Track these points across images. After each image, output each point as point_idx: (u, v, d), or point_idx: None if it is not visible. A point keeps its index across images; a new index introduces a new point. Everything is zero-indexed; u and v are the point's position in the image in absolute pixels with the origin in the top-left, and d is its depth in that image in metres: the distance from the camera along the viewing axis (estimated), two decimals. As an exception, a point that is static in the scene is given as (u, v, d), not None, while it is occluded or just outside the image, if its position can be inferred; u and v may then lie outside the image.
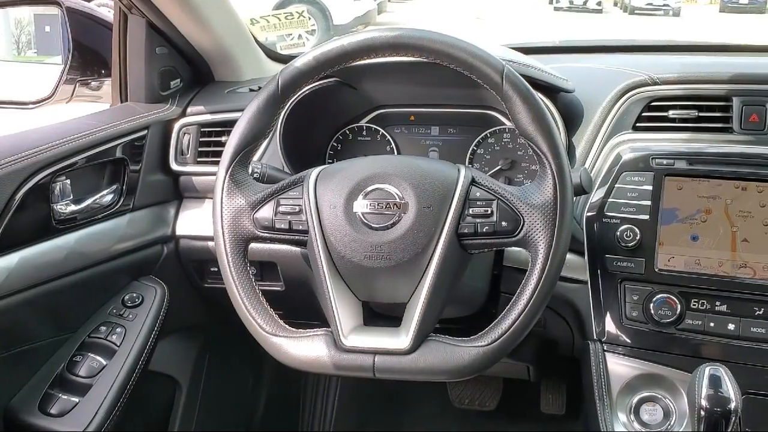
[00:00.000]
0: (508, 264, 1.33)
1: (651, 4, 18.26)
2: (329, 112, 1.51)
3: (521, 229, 1.00)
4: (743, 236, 1.18)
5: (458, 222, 1.02)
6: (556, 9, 19.32)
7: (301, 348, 1.03)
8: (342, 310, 1.04)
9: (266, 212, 1.06)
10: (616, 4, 21.19)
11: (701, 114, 1.28)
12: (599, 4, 19.16)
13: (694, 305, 1.20)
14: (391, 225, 1.02)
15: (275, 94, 1.06)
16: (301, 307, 1.33)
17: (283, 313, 1.08)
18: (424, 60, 1.02)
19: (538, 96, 1.03)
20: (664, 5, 18.15)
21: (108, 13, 1.65)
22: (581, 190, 1.10)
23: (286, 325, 1.04)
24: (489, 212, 1.01)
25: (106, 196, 1.42)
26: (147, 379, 1.43)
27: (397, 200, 1.03)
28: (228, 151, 1.07)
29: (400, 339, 1.01)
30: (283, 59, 1.78)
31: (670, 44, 1.80)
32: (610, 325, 1.25)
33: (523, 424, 2.12)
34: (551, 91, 1.32)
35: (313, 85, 1.36)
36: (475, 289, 1.33)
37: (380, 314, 1.18)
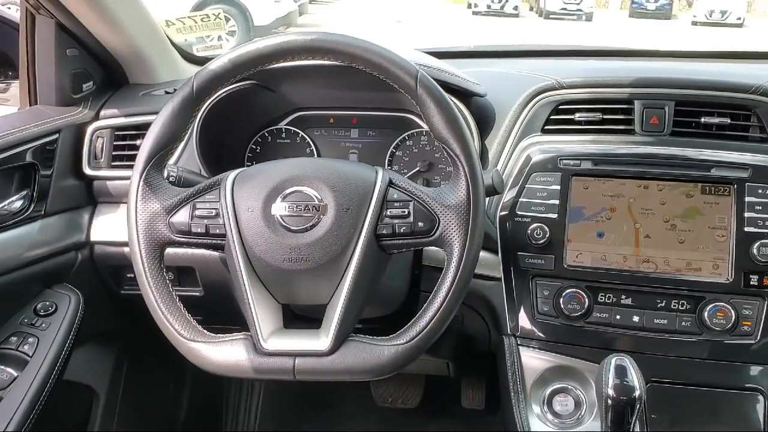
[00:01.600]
0: (426, 263, 1.36)
1: (565, 9, 18.88)
2: (247, 115, 1.50)
3: (437, 229, 1.03)
4: (645, 232, 1.25)
5: (376, 223, 1.03)
6: (475, 13, 19.70)
7: (220, 353, 1.02)
8: (261, 313, 1.04)
9: (182, 216, 1.04)
10: (531, 9, 21.77)
11: (605, 116, 1.34)
12: (516, 8, 19.64)
13: (601, 299, 1.26)
14: (310, 227, 1.03)
15: (190, 96, 1.05)
16: (221, 312, 1.32)
17: (203, 318, 1.07)
18: (341, 64, 1.04)
19: (451, 100, 1.06)
20: (577, 10, 18.80)
21: (15, 13, 1.59)
22: (493, 191, 1.13)
23: (205, 330, 1.03)
24: (406, 213, 1.03)
25: (15, 202, 1.37)
26: (62, 389, 1.38)
27: (316, 202, 1.04)
28: (142, 155, 1.05)
29: (320, 340, 1.02)
30: (201, 61, 1.76)
31: (577, 49, 1.87)
32: (523, 320, 1.29)
33: (445, 420, 2.16)
34: (464, 95, 1.35)
35: (230, 87, 1.35)
36: (395, 289, 1.35)
37: (301, 316, 1.19)
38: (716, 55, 1.88)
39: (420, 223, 1.03)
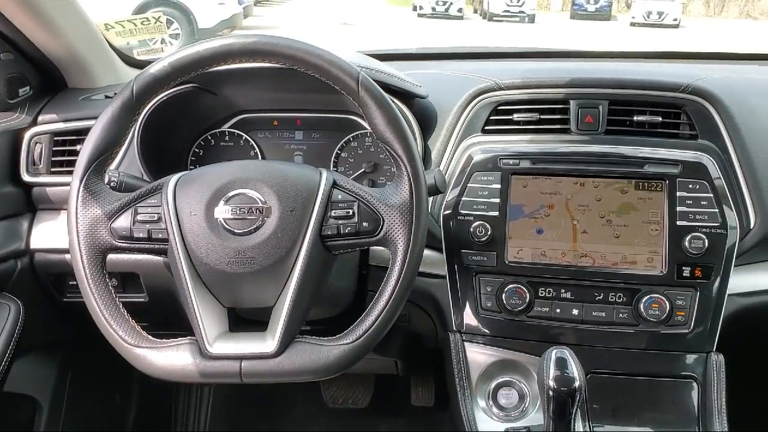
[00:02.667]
0: (373, 263, 1.38)
1: (508, 11, 19.24)
2: (189, 118, 1.49)
3: (381, 228, 1.04)
4: (583, 228, 1.29)
5: (321, 224, 1.04)
6: (420, 15, 19.90)
7: (165, 358, 1.01)
8: (206, 317, 1.03)
9: (124, 222, 1.04)
10: (476, 11, 22.07)
11: (543, 116, 1.38)
12: (460, 10, 19.93)
13: (542, 293, 1.29)
14: (254, 230, 1.03)
15: (130, 100, 1.04)
16: (166, 318, 1.31)
17: (149, 324, 1.06)
18: (282, 66, 1.05)
19: (393, 101, 1.07)
20: (519, 12, 19.18)
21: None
22: (436, 190, 1.15)
23: (149, 336, 1.03)
24: (350, 213, 1.05)
25: None
26: (3, 401, 1.35)
27: (260, 205, 1.04)
28: (81, 161, 1.04)
29: (267, 343, 1.02)
30: (142, 65, 1.73)
31: (516, 51, 1.92)
32: (467, 316, 1.32)
33: (395, 419, 2.18)
34: (406, 96, 1.37)
35: (171, 90, 1.34)
36: (342, 289, 1.36)
37: (247, 320, 1.19)
38: (649, 55, 1.94)
39: (364, 223, 1.04)
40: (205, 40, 1.05)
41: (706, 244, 1.23)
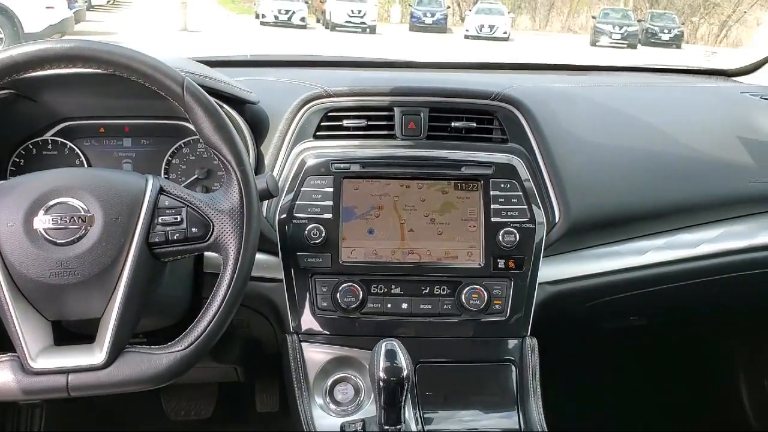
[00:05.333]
0: (208, 270, 1.37)
1: (349, 21, 19.61)
2: (7, 126, 1.41)
3: (211, 234, 1.05)
4: (409, 227, 1.36)
5: (148, 231, 1.03)
6: (263, 24, 19.76)
7: None
8: (28, 331, 0.99)
9: None
10: (318, 21, 22.26)
11: (370, 123, 1.44)
12: (303, 20, 20.04)
13: (374, 290, 1.35)
14: (76, 239, 1.01)
15: None
16: None
17: None
18: (104, 72, 1.03)
19: (220, 106, 1.08)
20: (361, 23, 19.62)
21: None
22: (268, 195, 1.16)
23: None
24: (179, 220, 1.04)
25: None
26: None
27: (82, 213, 1.01)
28: None
29: (95, 355, 1.00)
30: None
31: (348, 60, 1.99)
32: (304, 317, 1.36)
33: (239, 426, 2.16)
34: (237, 102, 1.38)
35: None
36: (176, 298, 1.35)
37: (75, 333, 1.15)
38: (469, 66, 2.09)
39: (194, 229, 1.05)
40: (21, 44, 1.01)
41: (518, 238, 1.35)
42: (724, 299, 1.71)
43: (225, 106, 1.32)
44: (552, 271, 1.42)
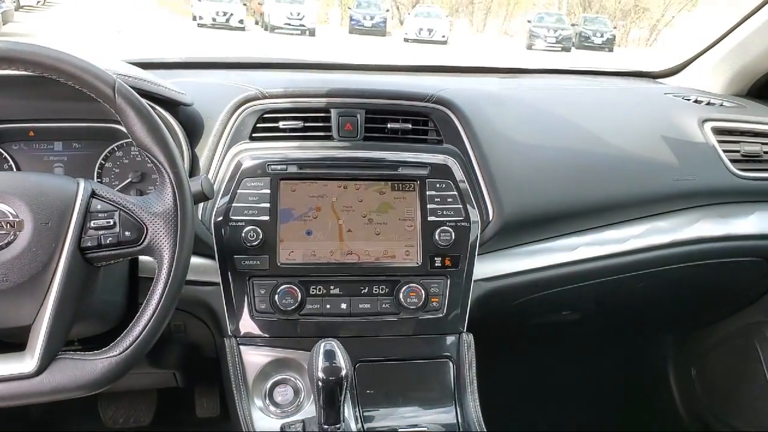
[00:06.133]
0: (143, 274, 1.35)
1: (288, 23, 19.53)
2: (-71, 130, 1.37)
3: (145, 237, 1.04)
4: (348, 227, 1.37)
5: (80, 236, 1.01)
6: (200, 25, 19.50)
7: None
8: None
9: None
10: (257, 23, 22.09)
11: (307, 124, 1.44)
12: (241, 21, 19.86)
13: (313, 291, 1.35)
14: (4, 245, 0.98)
15: None
16: None
17: None
18: (32, 74, 1.01)
19: (153, 108, 1.07)
20: (300, 25, 19.56)
21: None
22: (203, 197, 1.16)
23: None
24: (112, 223, 1.03)
25: None
26: None
27: (10, 218, 0.99)
28: None
29: (25, 362, 0.98)
30: None
31: (285, 62, 1.98)
32: (243, 321, 1.35)
33: None
34: (170, 104, 1.37)
35: None
36: (111, 303, 1.32)
37: (4, 341, 1.12)
38: (406, 68, 2.11)
39: (127, 233, 1.03)
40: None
41: (453, 236, 1.38)
42: (651, 292, 1.78)
43: (158, 108, 1.31)
44: (486, 268, 1.46)
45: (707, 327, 2.17)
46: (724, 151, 1.71)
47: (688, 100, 1.85)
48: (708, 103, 1.84)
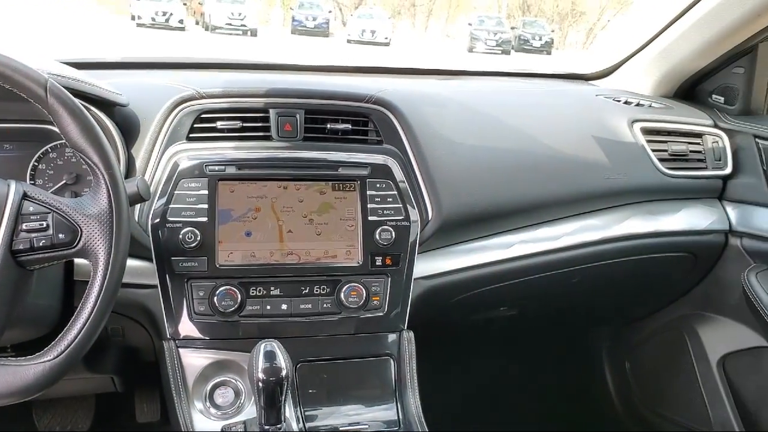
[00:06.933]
0: (78, 278, 1.33)
1: (230, 24, 19.31)
2: None
3: (79, 240, 1.02)
4: (288, 228, 1.38)
5: (11, 238, 0.99)
6: (139, 25, 19.09)
7: None
8: None
9: None
10: (198, 23, 21.76)
11: (245, 124, 1.43)
12: (181, 21, 19.52)
13: (253, 293, 1.35)
14: None
15: None
16: None
17: None
18: None
19: (87, 109, 1.06)
20: (241, 26, 19.35)
21: None
22: (139, 198, 1.14)
23: None
24: (45, 226, 1.01)
25: None
26: None
27: None
28: None
29: None
30: None
31: (223, 62, 1.97)
32: (181, 323, 1.34)
33: None
34: (105, 104, 1.35)
35: None
36: (46, 307, 1.29)
37: None
38: (346, 69, 2.12)
39: (61, 235, 1.01)
40: None
41: (394, 235, 1.39)
42: (585, 287, 1.83)
43: (92, 108, 1.29)
44: (426, 266, 1.48)
45: (640, 321, 2.25)
46: (653, 150, 1.78)
47: (619, 101, 1.92)
48: (637, 104, 1.90)
